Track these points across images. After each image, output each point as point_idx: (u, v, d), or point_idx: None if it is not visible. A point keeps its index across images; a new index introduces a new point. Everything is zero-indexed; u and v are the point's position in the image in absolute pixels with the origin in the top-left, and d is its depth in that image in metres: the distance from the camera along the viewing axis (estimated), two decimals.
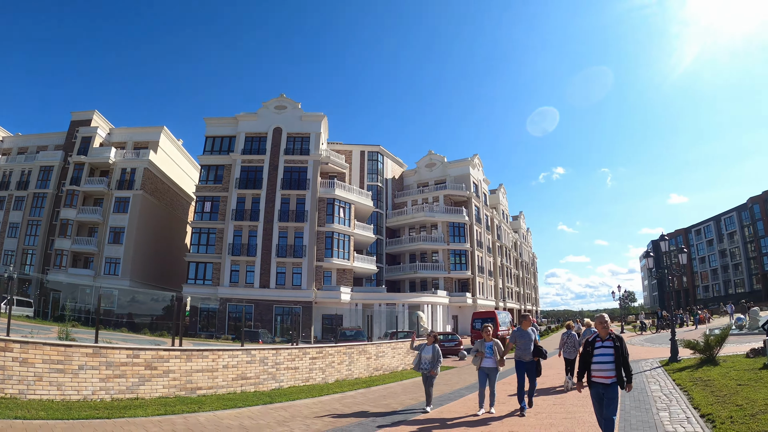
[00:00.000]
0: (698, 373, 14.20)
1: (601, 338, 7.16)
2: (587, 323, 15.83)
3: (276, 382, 14.95)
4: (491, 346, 10.70)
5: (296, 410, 11.34)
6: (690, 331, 36.88)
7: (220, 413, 10.34)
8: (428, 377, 11.60)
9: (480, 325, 33.97)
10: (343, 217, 49.44)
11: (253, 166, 48.71)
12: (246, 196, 47.74)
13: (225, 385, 13.32)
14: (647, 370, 16.94)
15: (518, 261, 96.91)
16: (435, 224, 60.63)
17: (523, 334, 10.80)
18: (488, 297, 67.12)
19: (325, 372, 17.22)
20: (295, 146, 49.64)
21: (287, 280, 45.92)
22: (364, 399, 13.55)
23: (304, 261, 45.97)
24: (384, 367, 20.70)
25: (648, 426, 8.61)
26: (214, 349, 14.00)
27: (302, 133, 49.99)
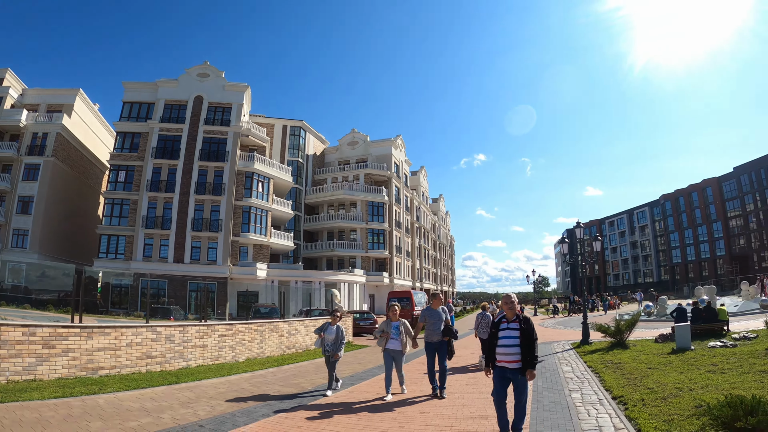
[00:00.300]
0: (609, 355, 15.29)
1: (507, 319, 6.88)
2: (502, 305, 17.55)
3: (183, 360, 14.84)
4: (398, 327, 10.50)
5: (202, 390, 11.20)
6: (600, 316, 40.87)
7: (121, 395, 10.14)
8: (331, 360, 11.38)
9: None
10: (262, 192, 50.53)
11: (172, 135, 48.60)
12: (162, 167, 47.64)
13: (129, 364, 13.10)
14: (559, 351, 17.92)
15: (436, 243, 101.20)
16: (354, 203, 63.43)
17: (433, 314, 10.52)
18: (405, 277, 70.61)
19: (236, 350, 17.19)
20: (216, 116, 49.94)
21: (202, 255, 46.58)
22: (275, 378, 13.50)
23: (220, 236, 46.77)
24: (297, 345, 20.73)
25: (560, 407, 8.80)
26: (117, 325, 13.47)
27: (224, 103, 50.37)
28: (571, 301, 55.11)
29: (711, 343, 15.34)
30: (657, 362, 13.07)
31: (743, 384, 9.19)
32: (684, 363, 12.56)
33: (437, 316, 10.46)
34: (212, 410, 8.97)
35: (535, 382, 11.06)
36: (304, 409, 9.27)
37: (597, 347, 17.58)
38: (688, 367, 11.82)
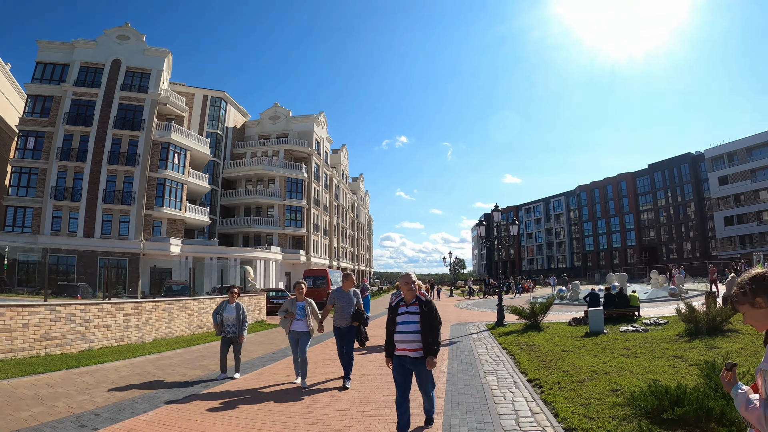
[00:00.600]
0: (524, 337, 15.96)
1: (406, 302, 6.38)
2: (417, 284, 18.82)
3: (86, 342, 14.45)
4: (303, 307, 10.11)
5: (103, 375, 10.93)
6: (514, 298, 43.80)
7: (15, 381, 9.78)
8: (232, 342, 10.98)
9: (311, 283, 37.61)
10: (178, 164, 50.82)
11: (86, 101, 47.64)
12: (74, 134, 46.72)
13: (27, 347, 12.65)
14: (474, 333, 18.50)
15: (354, 222, 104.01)
16: (273, 178, 65.05)
17: (343, 296, 10.04)
18: (322, 255, 73.38)
19: (142, 330, 16.91)
20: (133, 82, 49.45)
21: (114, 229, 46.36)
22: (182, 360, 13.33)
23: (133, 209, 46.64)
24: (208, 325, 20.33)
25: (476, 390, 8.96)
26: (12, 304, 12.84)
27: (143, 69, 49.96)
28: (486, 284, 58.47)
29: (623, 327, 16.33)
30: (571, 345, 13.65)
31: (657, 368, 9.76)
32: (598, 346, 13.18)
33: (347, 299, 10.00)
34: (111, 396, 8.75)
35: (450, 365, 11.79)
36: (205, 398, 8.83)
37: (512, 329, 18.49)
38: (601, 351, 12.38)
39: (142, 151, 47.61)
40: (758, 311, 2.43)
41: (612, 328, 16.48)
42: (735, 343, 11.97)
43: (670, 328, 15.37)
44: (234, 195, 64.63)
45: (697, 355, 10.62)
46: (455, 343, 15.82)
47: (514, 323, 19.99)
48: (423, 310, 6.25)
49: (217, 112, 64.49)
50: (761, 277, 2.43)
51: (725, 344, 11.92)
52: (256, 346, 16.04)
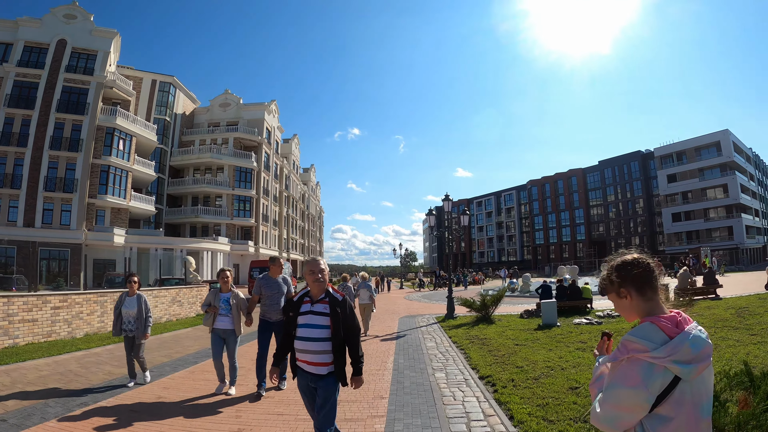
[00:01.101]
0: (475, 330, 15.68)
1: (312, 298, 4.74)
2: (363, 276, 17.58)
3: (10, 338, 13.69)
4: (228, 299, 8.70)
5: (21, 374, 10.12)
6: (464, 291, 43.76)
7: None
8: (133, 342, 9.26)
9: (259, 273, 37.57)
10: (123, 151, 50.15)
11: (29, 82, 46.38)
12: (16, 117, 45.51)
13: None
14: (423, 326, 18.27)
15: (305, 213, 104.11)
16: (222, 167, 64.79)
17: (270, 284, 8.71)
18: (272, 246, 73.56)
19: (72, 325, 15.98)
20: (79, 63, 48.37)
21: (55, 218, 45.36)
22: (110, 357, 12.32)
23: (75, 197, 45.91)
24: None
25: (423, 389, 8.43)
26: None
27: (89, 50, 48.90)
28: (437, 276, 59.22)
29: (576, 320, 16.29)
30: (524, 338, 13.40)
31: None
32: (552, 340, 12.95)
33: (276, 288, 8.69)
34: (24, 399, 7.98)
35: (397, 360, 11.23)
36: (85, 414, 7.27)
37: (462, 322, 18.32)
38: (556, 344, 12.17)
39: (85, 137, 46.70)
40: (624, 301, 2.31)
41: (565, 321, 16.43)
42: None
43: (624, 321, 14.70)
44: (181, 184, 64.00)
45: None
46: (403, 336, 15.57)
47: (464, 315, 20.08)
48: (335, 311, 4.61)
49: (166, 98, 63.63)
50: (626, 265, 2.30)
51: None
52: (192, 341, 15.22)
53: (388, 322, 19.75)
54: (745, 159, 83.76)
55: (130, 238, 48.08)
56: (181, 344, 13.22)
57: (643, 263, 2.30)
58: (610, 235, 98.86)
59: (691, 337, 2.03)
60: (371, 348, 13.25)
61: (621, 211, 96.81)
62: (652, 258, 2.41)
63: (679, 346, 1.99)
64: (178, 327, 19.13)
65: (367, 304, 16.44)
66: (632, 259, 2.32)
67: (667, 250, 79.20)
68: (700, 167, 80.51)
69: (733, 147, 78.00)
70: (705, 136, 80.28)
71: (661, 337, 2.05)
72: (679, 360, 1.98)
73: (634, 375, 2.02)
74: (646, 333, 2.07)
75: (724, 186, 78.18)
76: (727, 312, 15.39)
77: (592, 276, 48.84)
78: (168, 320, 21.54)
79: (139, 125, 52.76)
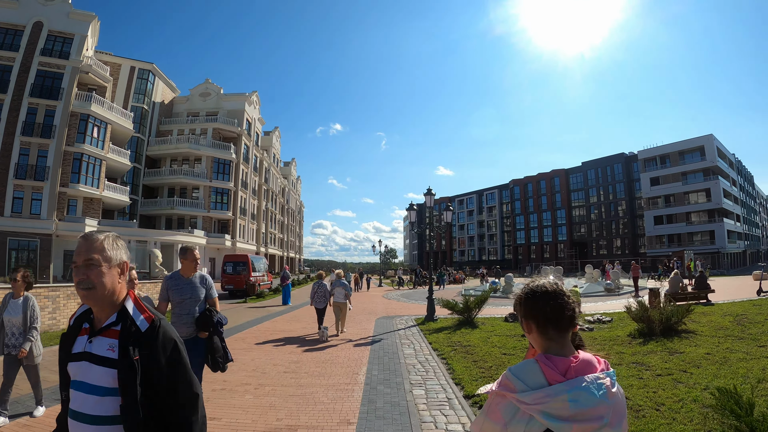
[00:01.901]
0: (457, 335, 14.84)
1: (93, 325, 2.31)
2: (338, 273, 16.77)
3: None
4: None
5: None
6: (441, 290, 43.15)
7: None
8: (18, 362, 7.05)
9: (232, 269, 37.02)
10: (97, 138, 48.79)
11: (2, 65, 44.94)
12: None
13: None
14: (402, 329, 17.23)
15: (284, 207, 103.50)
16: (200, 158, 63.83)
17: (181, 286, 6.34)
18: (249, 241, 72.71)
19: None
20: (54, 47, 46.87)
21: (25, 207, 43.81)
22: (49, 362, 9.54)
23: (47, 185, 44.26)
24: None
25: (399, 411, 7.35)
26: None
27: (66, 33, 47.38)
28: (417, 274, 58.53)
29: None
30: (512, 346, 12.39)
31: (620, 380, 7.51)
32: None
33: (189, 291, 6.29)
34: None
35: (370, 372, 10.22)
36: None
37: (443, 325, 17.38)
38: None
39: (59, 123, 45.27)
40: (528, 333, 1.97)
41: None
42: (698, 347, 11.11)
43: (618, 327, 14.86)
44: (158, 174, 62.92)
45: (660, 362, 9.80)
46: (378, 341, 14.51)
47: (445, 318, 19.22)
48: (128, 358, 2.15)
49: (144, 85, 62.49)
50: (534, 295, 1.95)
51: (687, 348, 11.08)
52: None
53: (364, 324, 18.91)
54: (728, 164, 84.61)
55: (102, 229, 43.25)
56: None
57: (553, 297, 1.93)
58: (591, 236, 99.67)
59: (573, 390, 1.71)
60: (343, 355, 12.33)
61: (603, 213, 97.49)
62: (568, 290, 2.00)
63: (553, 397, 1.70)
64: None
65: (342, 303, 16.00)
66: (543, 291, 1.95)
67: (648, 253, 79.45)
68: (683, 171, 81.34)
69: (716, 152, 78.58)
70: (689, 141, 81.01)
71: (538, 381, 1.77)
72: (550, 413, 1.69)
73: (496, 411, 1.82)
74: (523, 371, 1.82)
75: (707, 190, 78.88)
76: (724, 320, 14.92)
77: (575, 277, 48.68)
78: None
79: (115, 113, 51.31)
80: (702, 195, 79.59)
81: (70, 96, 46.17)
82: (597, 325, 15.63)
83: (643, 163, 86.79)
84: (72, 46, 47.41)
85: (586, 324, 15.73)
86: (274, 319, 20.96)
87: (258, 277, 37.05)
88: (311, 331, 16.54)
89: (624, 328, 14.36)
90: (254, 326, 18.27)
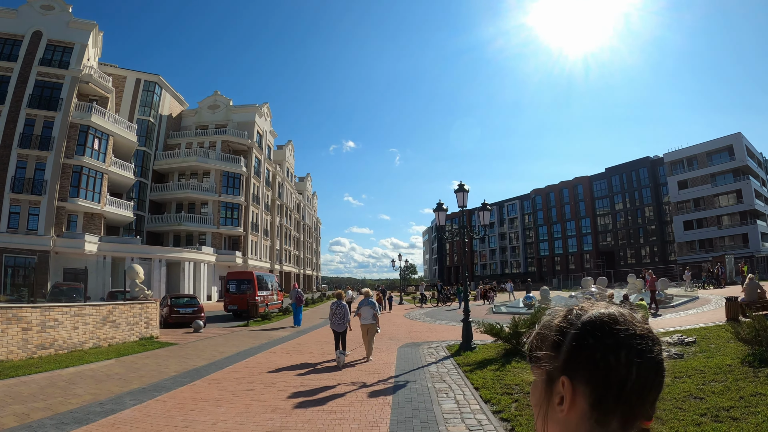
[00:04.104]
0: (509, 374, 10.99)
1: None
2: (366, 292, 15.35)
3: None
4: None
5: None
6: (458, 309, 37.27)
7: None
8: None
9: (236, 288, 34.31)
10: (99, 151, 46.89)
11: (0, 75, 43.70)
12: None
13: None
14: (432, 363, 13.35)
15: (300, 224, 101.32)
16: (208, 172, 61.56)
17: None
18: (262, 258, 70.10)
19: None
20: (54, 57, 45.44)
21: (22, 222, 42.02)
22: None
23: (44, 199, 42.37)
24: (57, 344, 15.91)
25: None
26: None
27: (66, 42, 45.99)
28: (438, 290, 54.29)
29: None
30: None
31: None
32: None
33: None
34: None
35: None
36: None
37: (485, 356, 13.52)
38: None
39: (57, 134, 43.58)
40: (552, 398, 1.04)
41: None
42: None
43: (712, 350, 11.51)
44: (165, 189, 60.84)
45: None
46: (403, 385, 10.62)
47: (482, 343, 15.76)
48: None
49: (151, 98, 60.82)
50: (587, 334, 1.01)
51: None
52: (92, 386, 10.92)
53: (384, 354, 15.22)
54: (757, 164, 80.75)
55: (103, 245, 44.59)
56: (71, 391, 9.60)
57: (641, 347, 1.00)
58: (618, 244, 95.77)
59: None
60: (351, 414, 8.48)
61: (629, 220, 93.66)
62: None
63: None
64: (98, 357, 14.96)
65: (371, 325, 14.28)
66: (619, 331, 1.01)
67: (679, 260, 75.75)
68: (712, 173, 77.42)
69: (746, 151, 74.90)
70: (716, 140, 77.16)
71: None
72: None
73: None
74: None
75: (737, 192, 74.96)
76: None
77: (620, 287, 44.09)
78: (95, 346, 17.37)
79: (117, 124, 49.45)
80: (732, 197, 75.74)
81: (69, 106, 44.61)
82: (683, 348, 12.04)
83: (669, 166, 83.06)
84: (72, 55, 46.12)
85: (673, 349, 11.98)
86: (272, 349, 17.48)
87: (265, 296, 34.62)
88: (314, 366, 13.52)
89: (721, 352, 11.12)
90: (243, 360, 14.90)
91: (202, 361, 14.46)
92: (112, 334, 18.50)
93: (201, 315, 27.13)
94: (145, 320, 20.81)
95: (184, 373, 12.10)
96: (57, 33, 45.95)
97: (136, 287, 22.83)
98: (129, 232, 55.74)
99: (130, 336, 19.53)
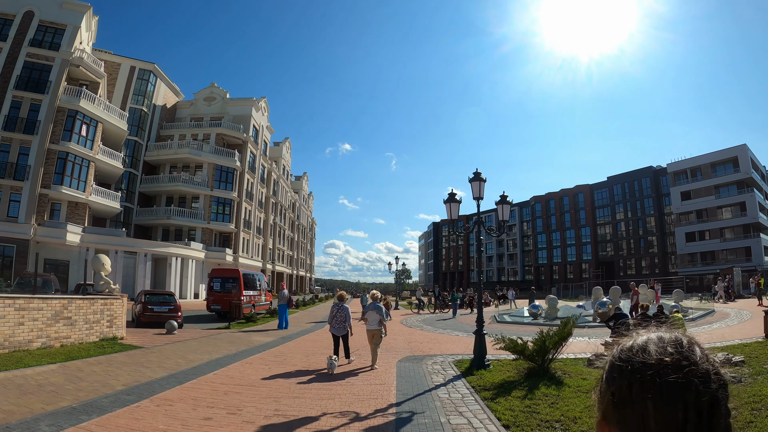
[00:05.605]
0: (542, 403, 8.76)
1: None
2: (374, 295, 14.62)
3: None
4: None
5: None
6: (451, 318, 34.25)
7: None
8: None
9: (220, 286, 31.83)
10: (86, 137, 45.04)
11: None
12: None
13: None
14: (441, 385, 11.04)
15: (295, 223, 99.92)
16: (201, 165, 60.01)
17: None
18: (254, 256, 68.71)
19: None
20: (45, 38, 43.67)
21: (2, 209, 39.79)
22: None
23: (26, 185, 40.54)
24: (13, 341, 14.09)
25: None
26: None
27: (58, 24, 44.14)
28: (436, 295, 51.59)
29: None
30: None
31: None
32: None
33: None
34: None
35: None
36: None
37: (504, 376, 11.38)
38: None
39: (44, 119, 41.73)
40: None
41: None
42: None
43: (766, 371, 9.93)
44: (155, 181, 59.02)
45: None
46: (408, 420, 8.10)
47: (498, 359, 13.55)
48: None
49: (145, 86, 59.13)
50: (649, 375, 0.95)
51: None
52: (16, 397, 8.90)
53: (381, 371, 12.88)
54: (761, 177, 79.51)
55: (87, 237, 42.55)
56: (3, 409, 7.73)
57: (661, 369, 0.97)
58: (618, 255, 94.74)
59: None
60: None
61: (631, 230, 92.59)
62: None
63: None
64: (41, 361, 12.59)
65: (376, 331, 13.42)
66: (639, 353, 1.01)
67: (680, 272, 74.37)
68: (715, 184, 76.27)
69: (750, 163, 73.81)
70: (721, 152, 76.10)
71: None
72: None
73: None
74: None
75: (741, 204, 73.83)
76: None
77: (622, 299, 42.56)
78: (44, 346, 14.95)
79: (107, 111, 47.52)
80: (736, 209, 74.55)
81: (58, 90, 42.84)
82: (737, 370, 9.66)
83: (672, 176, 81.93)
84: (63, 37, 44.36)
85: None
86: (250, 358, 14.90)
87: (252, 296, 32.61)
88: (296, 383, 11.21)
89: None
90: (211, 372, 12.38)
91: (161, 372, 12.15)
92: (67, 332, 16.13)
93: (177, 314, 24.29)
94: (108, 318, 18.38)
95: (132, 388, 9.94)
96: (50, 14, 44.28)
97: (101, 280, 19.90)
98: (117, 224, 53.94)
99: (89, 336, 17.09)
